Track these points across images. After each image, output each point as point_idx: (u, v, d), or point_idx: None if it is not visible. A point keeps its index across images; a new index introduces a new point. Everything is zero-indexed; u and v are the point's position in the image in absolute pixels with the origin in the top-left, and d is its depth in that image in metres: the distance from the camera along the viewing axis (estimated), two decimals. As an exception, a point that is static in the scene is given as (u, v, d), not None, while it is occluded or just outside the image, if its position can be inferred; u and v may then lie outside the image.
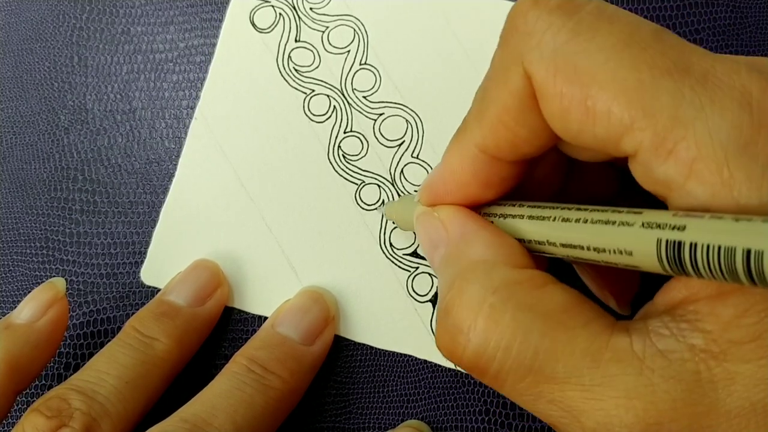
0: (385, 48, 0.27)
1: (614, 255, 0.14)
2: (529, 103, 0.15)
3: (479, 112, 0.17)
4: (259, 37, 0.27)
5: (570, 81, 0.14)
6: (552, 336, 0.14)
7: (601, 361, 0.14)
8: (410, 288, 0.26)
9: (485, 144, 0.17)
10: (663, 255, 0.13)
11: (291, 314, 0.24)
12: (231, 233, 0.26)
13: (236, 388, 0.22)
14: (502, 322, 0.15)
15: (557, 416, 0.14)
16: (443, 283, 0.17)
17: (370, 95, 0.27)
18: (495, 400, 0.25)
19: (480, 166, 0.17)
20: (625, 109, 0.13)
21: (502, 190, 0.18)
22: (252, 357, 0.23)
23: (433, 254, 0.18)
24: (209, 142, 0.27)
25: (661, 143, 0.13)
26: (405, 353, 0.25)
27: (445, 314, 0.16)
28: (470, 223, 0.18)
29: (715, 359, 0.13)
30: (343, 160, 0.26)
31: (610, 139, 0.14)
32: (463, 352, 0.15)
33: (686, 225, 0.12)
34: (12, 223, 0.28)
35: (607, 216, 0.14)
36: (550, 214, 0.16)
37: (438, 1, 0.27)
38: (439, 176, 0.18)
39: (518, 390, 0.15)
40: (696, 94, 0.13)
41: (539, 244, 0.16)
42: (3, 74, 0.29)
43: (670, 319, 0.14)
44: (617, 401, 0.13)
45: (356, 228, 0.26)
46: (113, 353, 0.23)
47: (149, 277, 0.27)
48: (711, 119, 0.13)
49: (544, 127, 0.15)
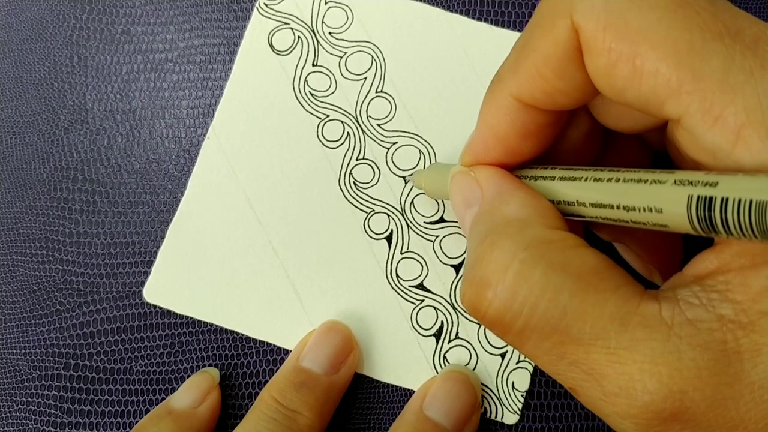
0: (402, 77, 0.27)
1: (644, 213, 0.14)
2: (573, 55, 0.15)
3: (516, 61, 0.16)
4: (277, 60, 0.27)
5: (620, 37, 0.14)
6: (582, 297, 0.14)
7: (629, 325, 0.14)
8: (414, 321, 0.25)
9: (520, 93, 0.16)
10: (693, 212, 0.13)
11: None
12: (237, 255, 0.26)
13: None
14: (532, 279, 0.14)
15: (578, 378, 0.14)
16: (474, 238, 0.16)
17: (385, 123, 0.26)
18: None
19: (516, 114, 0.17)
20: (674, 71, 0.13)
21: (542, 142, 0.18)
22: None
23: (465, 213, 0.18)
24: (220, 162, 0.27)
25: (708, 108, 0.13)
26: (406, 387, 0.25)
27: (473, 267, 0.16)
28: (506, 183, 0.17)
29: (743, 330, 0.13)
30: (354, 187, 0.26)
31: (655, 100, 0.14)
32: (488, 307, 0.15)
33: (718, 181, 0.12)
34: (12, 223, 0.28)
35: (640, 175, 0.14)
36: (582, 175, 0.16)
37: (457, 32, 0.27)
38: (478, 134, 0.18)
39: (541, 349, 0.15)
40: (746, 59, 0.13)
41: (569, 204, 0.16)
42: (3, 74, 0.29)
43: (700, 289, 0.14)
44: (642, 365, 0.13)
45: (363, 257, 0.26)
46: (258, 428, 0.23)
47: (152, 296, 0.26)
48: (761, 85, 0.12)
49: (583, 82, 0.15)
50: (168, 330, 0.26)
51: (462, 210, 0.18)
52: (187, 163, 0.27)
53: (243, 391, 0.26)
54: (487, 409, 0.25)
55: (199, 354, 0.26)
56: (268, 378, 0.26)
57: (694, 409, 0.13)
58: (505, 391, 0.25)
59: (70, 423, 0.26)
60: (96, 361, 0.26)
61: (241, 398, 0.26)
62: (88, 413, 0.26)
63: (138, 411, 0.26)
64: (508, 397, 0.25)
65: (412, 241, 0.26)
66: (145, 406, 0.26)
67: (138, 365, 0.26)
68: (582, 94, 0.16)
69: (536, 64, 0.16)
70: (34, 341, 0.27)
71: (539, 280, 0.14)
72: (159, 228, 0.27)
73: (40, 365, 0.27)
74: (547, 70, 0.16)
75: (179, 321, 0.26)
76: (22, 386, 0.27)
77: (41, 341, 0.27)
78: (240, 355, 0.26)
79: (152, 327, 0.26)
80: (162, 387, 0.26)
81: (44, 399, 0.26)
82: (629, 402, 0.13)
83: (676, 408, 0.13)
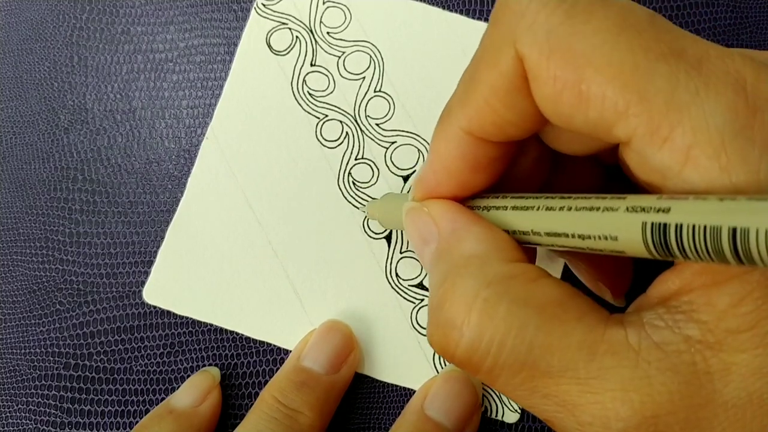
0: (400, 76, 0.27)
1: (600, 241, 0.14)
2: (519, 85, 0.15)
3: (465, 94, 0.16)
4: (275, 60, 0.27)
5: (564, 64, 0.14)
6: (547, 329, 0.14)
7: (596, 354, 0.14)
8: (414, 320, 0.25)
9: (470, 126, 0.16)
10: (649, 238, 0.13)
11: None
12: (237, 255, 0.26)
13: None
14: (497, 317, 0.14)
15: (552, 411, 0.14)
16: (435, 279, 0.16)
17: (383, 123, 0.26)
18: None
19: (467, 148, 0.17)
20: (620, 94, 0.13)
21: (493, 173, 0.18)
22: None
23: (424, 250, 0.18)
24: (219, 163, 0.27)
25: (656, 129, 0.13)
26: (407, 387, 0.25)
27: (437, 309, 0.16)
28: (461, 218, 0.17)
29: (711, 350, 0.13)
30: (353, 187, 0.26)
31: (603, 125, 0.14)
32: (456, 348, 0.15)
33: (671, 207, 0.12)
34: (12, 223, 0.28)
35: (591, 203, 0.14)
36: (534, 204, 0.16)
37: (455, 32, 0.27)
38: (429, 167, 0.18)
39: (512, 385, 0.15)
40: (691, 79, 0.13)
41: (524, 234, 0.16)
42: (3, 74, 0.29)
43: (664, 311, 0.14)
44: (613, 394, 0.13)
45: (363, 256, 0.26)
46: (259, 428, 0.23)
47: (152, 296, 0.26)
48: (706, 104, 0.12)
49: (532, 111, 0.15)
50: (168, 330, 0.26)
51: (420, 247, 0.18)
52: (187, 163, 0.27)
53: (243, 391, 0.26)
54: (488, 408, 0.25)
55: (199, 354, 0.26)
56: (268, 378, 0.26)
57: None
58: None
59: (70, 423, 0.26)
60: (96, 361, 0.26)
61: (241, 398, 0.26)
62: (88, 413, 0.26)
63: (138, 411, 0.26)
64: None
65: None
66: (145, 406, 0.26)
67: (138, 365, 0.26)
68: (532, 124, 0.16)
69: (484, 95, 0.15)
70: (34, 341, 0.27)
71: (504, 317, 0.14)
72: (159, 228, 0.27)
73: (40, 365, 0.27)
74: (495, 101, 0.15)
75: (179, 321, 0.26)
76: (22, 386, 0.27)
77: (41, 341, 0.27)
78: (240, 355, 0.26)
79: (152, 327, 0.26)
80: (162, 387, 0.26)
81: (44, 399, 0.26)
82: (604, 430, 0.13)
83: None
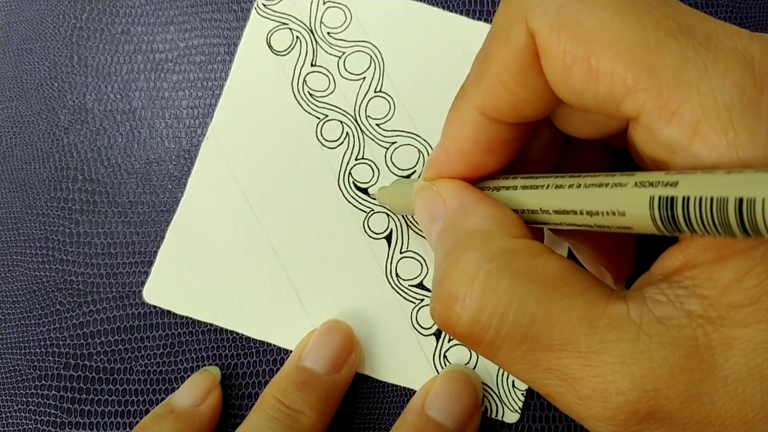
0: (400, 76, 0.27)
1: (607, 217, 0.14)
2: (531, 61, 0.15)
3: (478, 74, 0.16)
4: (275, 60, 0.27)
5: (574, 39, 0.14)
6: (549, 303, 0.14)
7: (597, 328, 0.14)
8: (414, 320, 0.25)
9: (484, 106, 0.16)
10: (656, 213, 0.13)
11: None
12: (237, 255, 0.26)
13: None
14: (499, 290, 0.14)
15: (552, 385, 0.14)
16: (440, 253, 0.16)
17: (384, 123, 0.26)
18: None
19: (481, 129, 0.17)
20: (629, 69, 0.13)
21: (506, 156, 0.18)
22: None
23: (431, 227, 0.18)
24: (220, 163, 0.27)
25: (664, 105, 0.13)
26: (407, 387, 0.25)
27: (440, 283, 0.16)
28: (468, 196, 0.17)
29: (713, 324, 0.13)
30: (354, 187, 0.26)
31: (613, 100, 0.14)
32: (458, 321, 0.15)
33: (678, 181, 0.12)
34: (12, 223, 0.28)
35: (600, 180, 0.14)
36: (544, 183, 0.16)
37: (455, 32, 0.27)
38: (442, 148, 0.18)
39: (513, 359, 0.15)
40: (699, 56, 0.13)
41: (533, 213, 0.16)
42: (3, 74, 0.29)
43: (667, 286, 0.14)
44: (613, 367, 0.13)
45: (363, 256, 0.26)
46: (260, 428, 0.23)
47: (152, 296, 0.26)
48: (714, 80, 0.13)
49: (545, 88, 0.15)
50: (168, 330, 0.26)
51: (427, 225, 0.18)
52: (187, 163, 0.27)
53: (243, 391, 0.26)
54: (488, 408, 0.25)
55: (199, 354, 0.26)
56: (268, 378, 0.26)
57: (669, 407, 0.13)
58: (505, 389, 0.25)
59: (70, 423, 0.26)
60: (96, 361, 0.26)
61: (241, 398, 0.26)
62: (88, 413, 0.26)
63: (138, 411, 0.26)
64: (509, 395, 0.25)
65: (411, 241, 0.26)
66: (145, 406, 0.26)
67: (138, 365, 0.26)
68: (544, 103, 0.16)
69: (497, 73, 0.16)
70: (34, 341, 0.27)
71: (506, 290, 0.14)
72: (159, 228, 0.27)
73: (40, 365, 0.27)
74: (509, 79, 0.15)
75: (179, 321, 0.26)
76: (22, 386, 0.27)
77: (41, 341, 0.27)
78: (240, 355, 0.26)
79: (152, 327, 0.26)
80: (162, 387, 0.26)
81: (44, 399, 0.26)
82: (604, 404, 0.13)
83: (651, 407, 0.13)
